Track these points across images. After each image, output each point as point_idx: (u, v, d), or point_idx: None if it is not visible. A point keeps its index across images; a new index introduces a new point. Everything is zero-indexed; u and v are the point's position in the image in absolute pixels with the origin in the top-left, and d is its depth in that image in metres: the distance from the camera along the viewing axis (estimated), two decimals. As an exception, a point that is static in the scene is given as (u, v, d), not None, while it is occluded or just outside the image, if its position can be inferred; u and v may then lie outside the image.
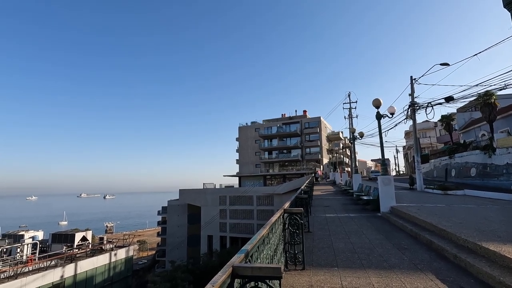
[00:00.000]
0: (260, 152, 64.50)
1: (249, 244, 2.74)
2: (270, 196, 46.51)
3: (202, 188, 52.68)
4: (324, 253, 5.92)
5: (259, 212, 47.05)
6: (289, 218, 5.11)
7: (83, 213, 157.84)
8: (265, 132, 64.10)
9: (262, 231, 3.32)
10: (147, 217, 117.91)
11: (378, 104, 12.01)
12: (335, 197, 18.99)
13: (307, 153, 61.02)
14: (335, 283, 4.22)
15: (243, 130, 68.00)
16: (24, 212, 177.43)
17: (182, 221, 52.65)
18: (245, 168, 65.06)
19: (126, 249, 33.44)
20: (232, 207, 48.50)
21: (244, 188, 52.37)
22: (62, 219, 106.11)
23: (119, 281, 31.91)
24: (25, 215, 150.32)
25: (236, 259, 2.25)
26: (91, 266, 28.62)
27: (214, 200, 49.70)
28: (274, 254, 3.98)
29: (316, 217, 10.65)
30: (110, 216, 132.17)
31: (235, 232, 47.62)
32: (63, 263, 26.34)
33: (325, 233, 7.94)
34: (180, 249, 50.06)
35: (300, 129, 61.84)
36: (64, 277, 25.76)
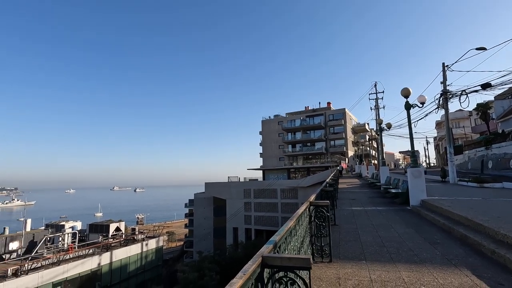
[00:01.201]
0: (284, 145, 64.23)
1: (277, 235, 2.79)
2: (294, 189, 46.33)
3: (227, 182, 53.55)
4: (351, 246, 5.87)
5: (283, 205, 47.11)
6: (315, 211, 5.11)
7: (116, 205, 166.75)
8: (288, 125, 63.63)
9: (289, 223, 3.36)
10: (175, 209, 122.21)
11: (407, 94, 11.51)
12: (361, 190, 18.58)
13: (332, 146, 59.90)
14: (363, 276, 4.19)
15: (266, 124, 67.95)
16: (63, 204, 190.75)
17: (208, 213, 53.98)
18: (268, 162, 65.20)
19: (156, 239, 34.98)
20: (257, 200, 48.91)
21: (268, 181, 52.58)
22: (97, 211, 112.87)
23: (150, 270, 33.54)
24: (65, 207, 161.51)
25: (265, 249, 2.31)
26: (124, 255, 30.29)
27: (239, 193, 50.37)
28: (301, 246, 4.02)
29: (342, 210, 10.51)
30: (141, 208, 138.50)
31: (259, 225, 48.11)
32: (100, 252, 28.11)
33: (352, 226, 7.83)
34: (206, 241, 51.50)
35: (324, 122, 60.70)
36: (101, 264, 27.52)
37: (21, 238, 29.17)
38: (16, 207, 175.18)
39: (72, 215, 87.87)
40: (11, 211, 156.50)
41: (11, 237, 28.84)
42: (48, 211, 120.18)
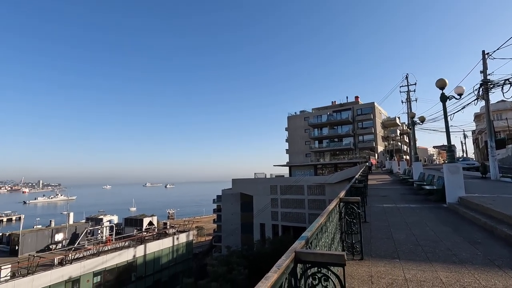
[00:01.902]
0: (310, 141, 63.37)
1: (309, 231, 2.80)
2: (321, 185, 45.66)
3: (253, 178, 53.96)
4: (383, 244, 5.72)
5: (310, 202, 46.65)
6: (345, 207, 5.03)
7: (148, 201, 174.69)
8: (314, 120, 62.63)
9: (320, 219, 3.36)
10: (203, 205, 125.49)
11: (442, 85, 10.87)
12: (393, 187, 17.91)
13: (360, 141, 58.14)
14: (397, 275, 4.08)
15: (292, 120, 67.40)
16: (101, 199, 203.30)
17: (236, 209, 54.81)
18: (295, 158, 64.73)
19: (186, 233, 36.22)
20: (283, 196, 48.83)
21: (295, 177, 52.23)
22: (131, 206, 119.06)
23: (181, 263, 34.85)
24: (102, 202, 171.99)
25: (297, 245, 2.34)
26: (157, 248, 31.72)
27: (265, 189, 50.57)
28: (332, 242, 3.99)
29: (373, 207, 10.23)
30: (171, 203, 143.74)
31: (286, 221, 48.05)
32: (135, 244, 29.68)
33: (383, 223, 7.61)
34: (234, 236, 52.39)
35: (352, 116, 59.00)
36: (136, 256, 29.07)
37: (65, 230, 31.58)
38: (59, 201, 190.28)
39: (109, 209, 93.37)
40: (56, 205, 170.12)
41: (56, 229, 31.31)
42: (87, 206, 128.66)
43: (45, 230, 31.43)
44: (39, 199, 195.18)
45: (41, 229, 32.45)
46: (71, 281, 23.62)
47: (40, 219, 63.82)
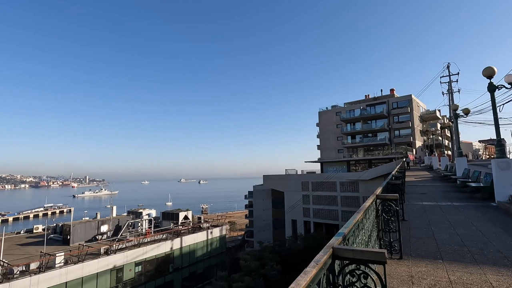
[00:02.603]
0: (343, 136, 61.63)
1: (345, 228, 2.79)
2: (354, 182, 44.32)
3: (284, 174, 53.82)
4: (423, 243, 5.46)
5: (343, 199, 45.55)
6: (382, 205, 4.88)
7: (183, 196, 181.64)
8: (347, 115, 60.73)
9: (356, 216, 3.31)
10: (235, 200, 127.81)
11: (490, 74, 10.00)
12: (433, 184, 16.89)
13: (396, 136, 55.35)
14: (441, 276, 3.89)
15: (323, 115, 65.96)
16: (140, 194, 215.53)
17: (267, 205, 55.11)
18: (326, 154, 63.40)
19: (219, 228, 37.23)
20: (315, 193, 48.15)
21: (327, 174, 51.21)
22: (167, 200, 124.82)
23: (215, 256, 35.93)
24: (141, 196, 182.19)
25: (334, 241, 2.34)
26: (192, 241, 33.00)
27: (297, 185, 50.21)
28: (369, 240, 3.91)
29: (411, 205, 9.77)
30: (204, 198, 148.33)
31: (318, 218, 47.39)
32: (172, 237, 31.14)
33: (423, 222, 7.25)
34: (266, 231, 52.78)
35: (387, 110, 56.31)
36: (173, 248, 30.51)
37: (109, 222, 33.99)
38: (103, 195, 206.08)
39: (147, 203, 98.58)
40: (100, 199, 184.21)
41: (101, 221, 33.82)
42: (128, 200, 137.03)
43: (92, 222, 34.10)
44: (86, 193, 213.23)
45: (88, 221, 35.27)
46: (116, 269, 25.44)
47: (87, 211, 69.23)
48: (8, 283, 19.47)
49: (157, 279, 28.85)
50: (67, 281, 22.27)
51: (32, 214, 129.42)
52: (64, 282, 22.11)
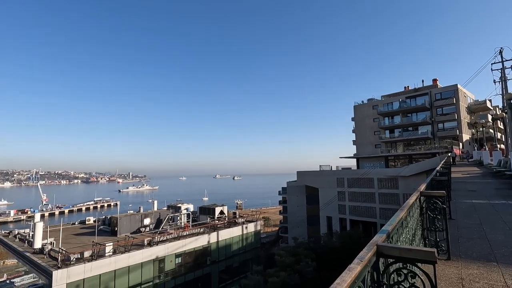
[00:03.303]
0: (380, 131, 58.91)
1: (389, 225, 2.72)
2: (393, 178, 42.31)
3: (318, 170, 52.93)
4: (474, 244, 5.11)
5: (381, 196, 43.79)
6: (426, 202, 4.66)
7: (218, 191, 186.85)
8: (384, 109, 57.90)
9: (400, 213, 3.21)
10: (269, 196, 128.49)
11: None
12: (484, 180, 15.57)
13: (440, 129, 51.66)
14: (495, 280, 3.62)
15: (359, 109, 63.55)
16: (178, 189, 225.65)
17: (301, 201, 54.70)
18: (363, 149, 61.09)
19: (254, 223, 37.77)
20: (351, 189, 46.80)
21: (363, 170, 49.41)
22: (204, 196, 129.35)
23: (250, 251, 36.56)
24: (179, 191, 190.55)
25: (378, 238, 2.30)
26: (228, 235, 33.89)
27: (331, 182, 49.15)
28: (413, 238, 3.77)
29: (459, 203, 9.13)
30: (239, 194, 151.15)
31: (355, 215, 46.06)
32: (208, 231, 32.25)
33: (474, 221, 6.76)
34: (300, 228, 52.47)
35: (430, 102, 52.68)
36: (210, 242, 31.61)
37: (151, 215, 36.13)
38: (145, 190, 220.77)
39: (185, 198, 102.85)
40: (143, 194, 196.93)
41: (144, 215, 36.04)
42: (167, 195, 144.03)
43: (136, 215, 36.49)
44: (130, 188, 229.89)
45: (133, 214, 37.80)
46: (158, 260, 27.02)
47: (132, 205, 74.11)
48: (66, 269, 21.59)
49: (195, 270, 30.12)
50: (116, 269, 24.12)
51: (84, 207, 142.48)
52: (113, 270, 23.97)
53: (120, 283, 24.27)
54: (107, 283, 23.53)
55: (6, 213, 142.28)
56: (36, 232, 27.17)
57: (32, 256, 24.99)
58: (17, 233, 33.16)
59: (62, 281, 21.15)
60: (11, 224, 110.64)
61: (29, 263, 24.54)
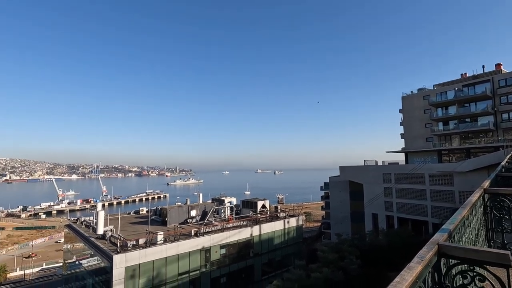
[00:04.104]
0: (432, 123, 54.38)
1: (450, 224, 2.60)
2: (448, 174, 39.08)
3: (363, 165, 50.90)
4: (550, 249, 4.58)
5: (433, 193, 40.84)
6: (491, 200, 4.30)
7: (260, 186, 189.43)
8: (437, 99, 53.23)
9: (462, 211, 3.04)
10: (311, 191, 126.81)
11: None
12: None
13: (505, 120, 46.06)
14: None
15: (407, 100, 59.29)
16: (221, 183, 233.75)
17: (344, 197, 53.16)
18: (412, 143, 57.05)
19: (296, 218, 37.70)
20: (399, 185, 44.29)
21: (413, 165, 46.30)
22: (246, 190, 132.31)
23: (292, 245, 36.64)
24: (222, 185, 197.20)
25: (439, 237, 2.22)
26: (270, 229, 34.31)
27: (377, 177, 46.94)
28: (476, 239, 3.53)
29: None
30: (280, 189, 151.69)
31: (403, 213, 43.61)
32: (251, 224, 32.98)
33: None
34: (344, 224, 51.11)
35: (492, 90, 47.17)
36: (252, 235, 32.33)
37: (197, 207, 38.02)
38: (191, 184, 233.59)
39: (228, 192, 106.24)
40: (189, 187, 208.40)
41: (191, 207, 38.05)
42: (211, 188, 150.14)
43: (184, 207, 38.68)
44: (177, 181, 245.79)
45: (180, 206, 40.13)
46: (204, 250, 28.42)
47: (179, 198, 78.67)
48: (124, 254, 23.78)
49: (239, 262, 31.10)
50: (167, 256, 25.93)
51: (137, 198, 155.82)
52: (164, 257, 25.81)
53: (170, 269, 26.07)
54: (159, 269, 25.43)
55: (74, 202, 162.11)
56: (99, 220, 30.29)
57: (96, 241, 27.97)
58: (83, 220, 37.36)
59: (121, 264, 23.36)
60: (78, 212, 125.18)
61: (94, 247, 27.49)
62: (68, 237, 38.56)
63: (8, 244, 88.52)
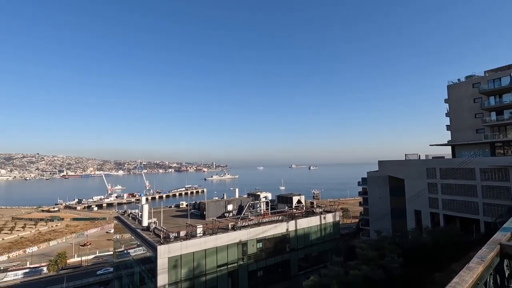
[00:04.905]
0: (483, 113, 49.74)
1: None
2: (503, 169, 35.78)
3: (404, 160, 48.33)
4: None
5: (485, 189, 37.72)
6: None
7: (294, 181, 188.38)
8: (489, 86, 48.53)
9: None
10: (347, 187, 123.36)
11: None
12: None
13: None
14: None
15: (454, 89, 54.77)
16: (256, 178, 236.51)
17: (384, 193, 51.02)
18: (460, 135, 52.73)
19: (333, 214, 37.03)
20: (445, 181, 41.46)
21: (461, 159, 42.92)
22: (280, 185, 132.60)
23: (329, 241, 36.11)
24: (257, 180, 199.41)
25: (501, 236, 2.13)
26: (306, 224, 34.12)
27: (420, 172, 44.34)
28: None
29: None
30: (315, 184, 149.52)
31: (450, 210, 40.84)
32: (287, 219, 33.07)
33: None
34: (383, 221, 49.13)
35: (559, 73, 41.83)
36: (288, 230, 32.43)
37: (234, 202, 38.99)
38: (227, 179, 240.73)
39: (262, 187, 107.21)
40: (225, 182, 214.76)
41: (227, 201, 39.11)
42: (247, 184, 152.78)
43: (221, 201, 39.89)
44: (214, 177, 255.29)
45: (218, 200, 41.45)
46: (241, 243, 29.14)
47: (216, 192, 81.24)
48: (167, 245, 25.23)
49: (275, 256, 31.42)
50: (206, 248, 27.02)
51: (177, 193, 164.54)
52: (203, 249, 26.92)
53: (209, 261, 27.14)
54: (199, 260, 26.61)
55: (121, 196, 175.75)
56: (144, 213, 32.41)
57: (142, 232, 29.98)
58: (130, 213, 40.18)
59: (164, 255, 24.84)
60: (124, 205, 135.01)
61: (140, 238, 29.51)
62: (117, 228, 41.83)
63: (67, 233, 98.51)
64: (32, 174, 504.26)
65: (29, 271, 60.69)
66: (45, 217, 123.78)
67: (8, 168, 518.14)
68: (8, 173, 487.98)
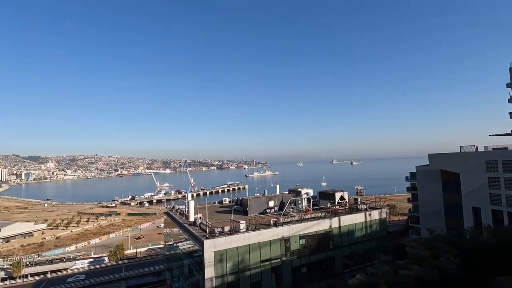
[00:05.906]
0: (558, 95, 43.58)
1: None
2: None
3: (458, 152, 44.43)
4: None
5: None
6: None
7: (336, 177, 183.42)
8: None
9: None
10: (394, 182, 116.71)
11: None
12: None
13: None
14: None
15: (519, 70, 48.69)
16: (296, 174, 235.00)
17: (435, 188, 47.47)
18: (528, 122, 46.82)
19: (379, 211, 35.54)
20: (509, 174, 37.25)
21: (530, 149, 38.19)
22: (321, 181, 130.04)
23: (375, 239, 34.77)
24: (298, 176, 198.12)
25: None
26: (350, 221, 33.26)
27: (478, 165, 40.41)
28: None
29: None
30: (358, 180, 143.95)
31: (517, 207, 36.49)
32: (330, 216, 32.56)
33: None
34: (435, 218, 45.83)
35: None
36: (332, 227, 31.93)
37: (275, 198, 39.44)
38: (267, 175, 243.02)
39: (303, 183, 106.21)
40: (265, 179, 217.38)
41: (269, 198, 39.67)
42: (287, 180, 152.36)
43: (262, 197, 40.59)
44: (254, 173, 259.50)
45: (259, 197, 42.22)
46: (284, 239, 29.42)
47: (257, 189, 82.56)
48: (213, 240, 26.47)
49: (319, 253, 31.15)
50: (249, 244, 27.77)
51: (220, 189, 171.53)
52: (247, 245, 27.68)
53: (253, 256, 27.83)
54: (243, 255, 27.44)
55: (169, 192, 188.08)
56: (190, 208, 34.33)
57: (189, 227, 31.82)
58: (177, 208, 42.81)
59: (210, 249, 26.09)
60: (172, 201, 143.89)
61: (187, 232, 31.35)
62: (167, 222, 44.87)
63: (123, 227, 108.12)
64: (92, 173, 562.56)
65: (93, 260, 68.08)
66: (105, 212, 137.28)
67: (72, 168, 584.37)
68: (73, 173, 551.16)
